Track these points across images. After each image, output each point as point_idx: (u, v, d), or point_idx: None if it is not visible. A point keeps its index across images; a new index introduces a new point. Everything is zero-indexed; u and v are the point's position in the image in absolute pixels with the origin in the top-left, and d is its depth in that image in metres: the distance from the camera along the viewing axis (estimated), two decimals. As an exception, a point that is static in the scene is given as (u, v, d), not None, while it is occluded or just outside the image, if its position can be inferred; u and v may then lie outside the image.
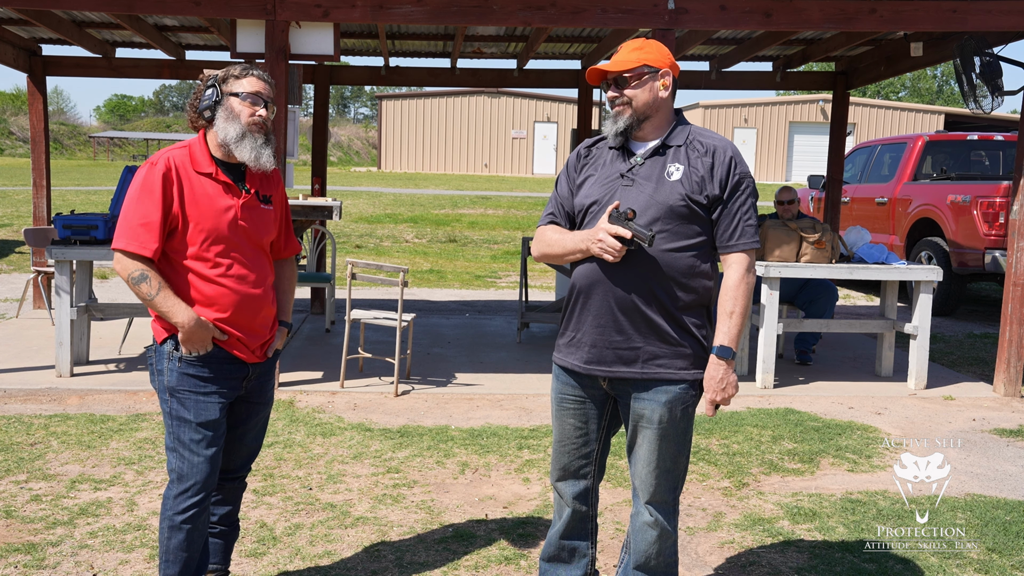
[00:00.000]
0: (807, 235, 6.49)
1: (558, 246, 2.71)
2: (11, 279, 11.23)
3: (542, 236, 2.79)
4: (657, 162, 2.66)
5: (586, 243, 2.60)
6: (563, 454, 2.83)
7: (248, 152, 2.79)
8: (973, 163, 11.28)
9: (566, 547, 2.90)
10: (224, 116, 2.79)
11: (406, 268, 6.23)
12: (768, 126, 37.73)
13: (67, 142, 46.80)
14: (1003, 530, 3.96)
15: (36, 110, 9.27)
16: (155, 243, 2.69)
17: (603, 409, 2.79)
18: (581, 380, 2.75)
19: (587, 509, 2.87)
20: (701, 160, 2.64)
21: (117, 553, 3.52)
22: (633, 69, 2.65)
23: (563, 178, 2.82)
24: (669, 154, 2.67)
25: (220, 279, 2.77)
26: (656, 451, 2.67)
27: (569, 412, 2.79)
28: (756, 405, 6.02)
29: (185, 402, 2.79)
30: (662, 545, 2.75)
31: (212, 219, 2.75)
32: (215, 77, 2.83)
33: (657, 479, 2.70)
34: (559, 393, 2.82)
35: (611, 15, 6.11)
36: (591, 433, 2.80)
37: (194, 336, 2.73)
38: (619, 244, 2.53)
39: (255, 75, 2.84)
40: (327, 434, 5.12)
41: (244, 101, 2.79)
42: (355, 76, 10.44)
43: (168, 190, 2.71)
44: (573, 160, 2.82)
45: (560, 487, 2.87)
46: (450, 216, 18.97)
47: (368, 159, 48.74)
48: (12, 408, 5.50)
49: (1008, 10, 6.18)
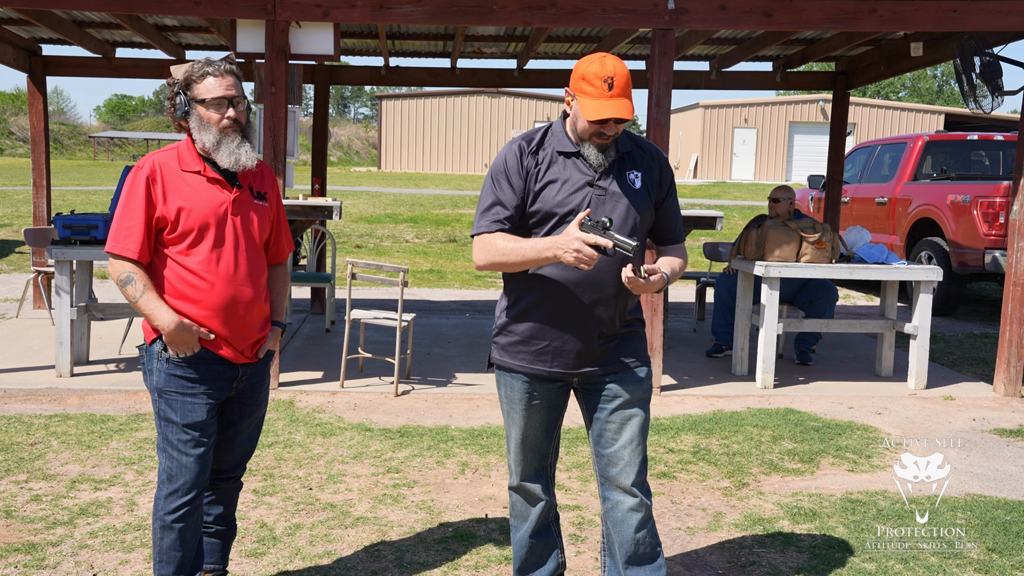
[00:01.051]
0: (807, 235, 6.49)
1: (515, 255, 2.57)
2: (11, 279, 11.23)
3: (491, 245, 2.61)
4: (617, 170, 2.68)
5: (553, 251, 2.49)
6: (532, 457, 2.85)
7: (227, 157, 2.78)
8: (973, 163, 11.28)
9: (537, 544, 2.93)
10: (196, 126, 2.77)
11: (406, 268, 6.23)
12: (768, 126, 37.72)
13: (67, 142, 46.80)
14: (1003, 530, 3.96)
15: (36, 110, 9.27)
16: (139, 245, 2.72)
17: (566, 401, 2.86)
18: (551, 381, 2.77)
19: (550, 498, 2.93)
20: (648, 164, 2.74)
21: (117, 553, 3.52)
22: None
23: (506, 180, 2.65)
24: (627, 160, 2.71)
25: (210, 276, 2.77)
26: (640, 431, 2.75)
27: (537, 411, 2.79)
28: (756, 405, 6.02)
29: (172, 403, 2.80)
30: (648, 527, 2.77)
31: (202, 215, 2.75)
32: (179, 83, 2.77)
33: (641, 459, 2.75)
34: (525, 394, 2.77)
35: (611, 15, 6.11)
36: (557, 429, 2.86)
37: (176, 339, 2.73)
38: (596, 253, 2.46)
39: (213, 74, 2.75)
40: (327, 434, 5.12)
41: (210, 108, 2.75)
42: (355, 76, 10.43)
43: (151, 192, 2.73)
44: (517, 161, 2.66)
45: (528, 487, 2.88)
46: (450, 216, 18.97)
47: (368, 159, 48.75)
48: (12, 408, 5.50)
49: (1008, 10, 6.18)
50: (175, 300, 2.77)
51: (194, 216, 2.75)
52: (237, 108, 2.78)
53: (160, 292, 2.76)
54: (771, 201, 6.99)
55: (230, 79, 2.78)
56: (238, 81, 2.81)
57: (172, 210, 2.73)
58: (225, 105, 2.76)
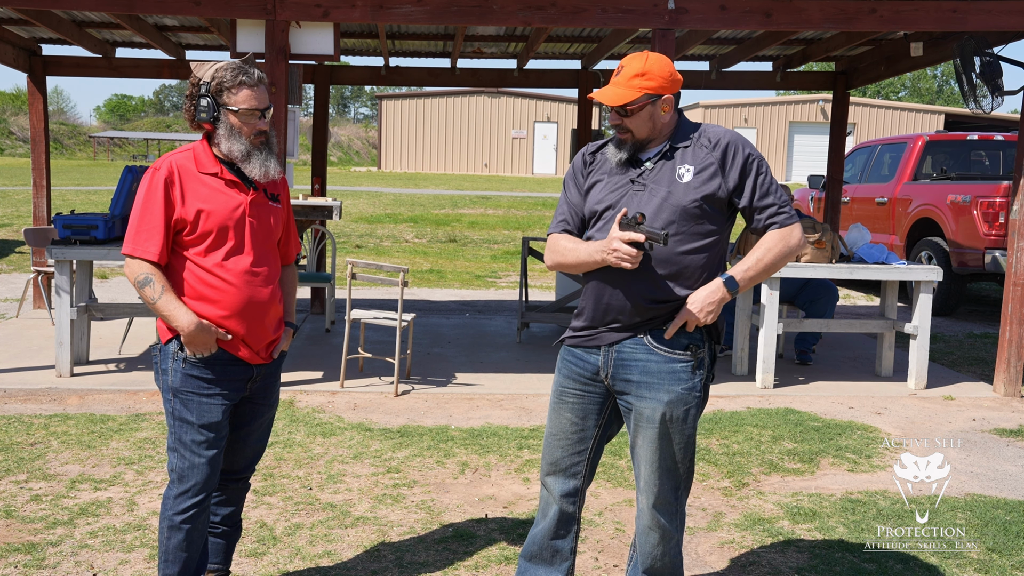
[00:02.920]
0: (807, 235, 6.49)
1: (571, 256, 2.70)
2: (11, 279, 11.23)
3: (555, 245, 2.77)
4: (666, 166, 2.66)
5: (601, 254, 2.59)
6: (556, 448, 2.83)
7: (257, 169, 2.82)
8: (973, 163, 11.28)
9: (549, 547, 2.88)
10: (226, 133, 2.78)
11: (406, 268, 6.23)
12: (768, 126, 37.73)
13: (67, 142, 46.79)
14: (1003, 530, 3.96)
15: (36, 110, 9.27)
16: (158, 247, 2.72)
17: (602, 408, 2.79)
18: (585, 377, 2.76)
19: (574, 510, 2.85)
20: (711, 155, 2.65)
21: (117, 553, 3.52)
22: (635, 100, 2.63)
23: (570, 183, 2.81)
24: (677, 156, 2.67)
25: (229, 277, 2.78)
26: (657, 450, 2.67)
27: (568, 406, 2.79)
28: (756, 405, 6.02)
29: (188, 403, 2.79)
30: (666, 547, 2.75)
31: (221, 217, 2.76)
32: (208, 85, 2.77)
33: (659, 479, 2.70)
34: (560, 386, 2.82)
35: (611, 15, 6.11)
36: (587, 430, 2.80)
37: (196, 340, 2.74)
38: (634, 251, 2.52)
39: (249, 86, 2.77)
40: (327, 434, 5.12)
41: (243, 118, 2.77)
42: (355, 76, 10.44)
43: (170, 194, 2.73)
44: (579, 164, 2.81)
45: (549, 482, 2.85)
46: (450, 216, 18.97)
47: (368, 159, 48.74)
48: (12, 408, 5.50)
49: (1008, 10, 6.17)
50: (193, 301, 2.77)
51: (213, 218, 2.75)
52: (266, 118, 2.82)
53: (178, 293, 2.76)
54: None
55: (262, 89, 2.81)
56: (266, 90, 2.84)
57: (191, 212, 2.74)
58: (257, 116, 2.79)
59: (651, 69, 2.64)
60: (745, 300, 6.84)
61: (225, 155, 2.80)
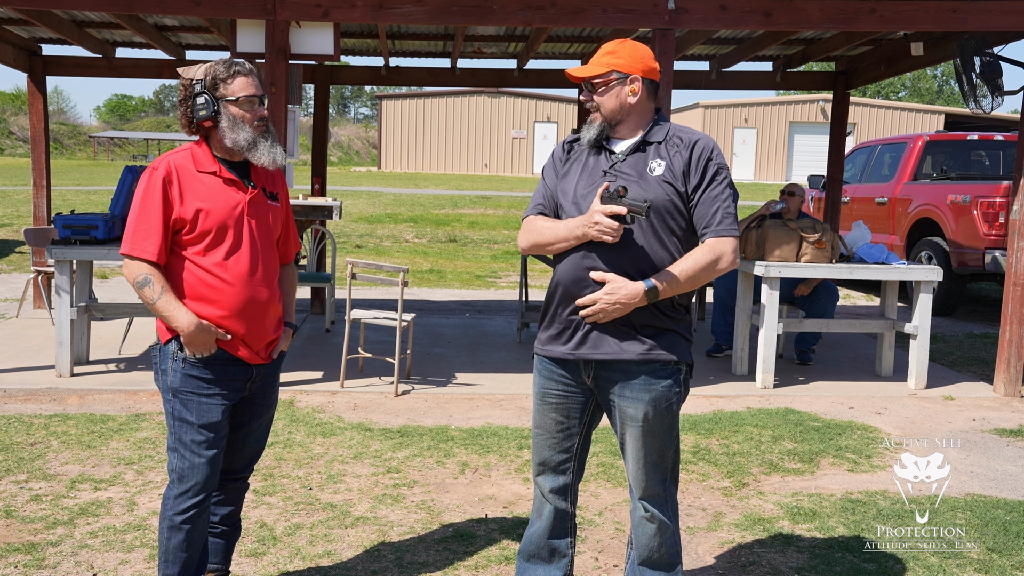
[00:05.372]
0: (807, 235, 6.49)
1: (550, 233, 2.69)
2: (11, 279, 11.23)
3: (531, 226, 2.77)
4: (639, 158, 2.69)
5: (582, 228, 2.59)
6: (544, 447, 2.85)
7: (265, 155, 2.82)
8: (973, 163, 11.28)
9: (546, 546, 2.90)
10: (228, 125, 2.78)
11: (406, 268, 6.23)
12: (768, 126, 37.73)
13: (67, 142, 46.79)
14: (1003, 530, 3.96)
15: (36, 110, 9.27)
16: (157, 247, 2.72)
17: (585, 405, 2.81)
18: (565, 375, 2.76)
19: (567, 507, 2.88)
20: (680, 154, 2.67)
21: (117, 553, 3.52)
22: (601, 75, 2.68)
23: (549, 170, 2.83)
24: (650, 151, 2.70)
25: (228, 276, 2.78)
26: (642, 448, 2.71)
27: (551, 406, 2.81)
28: (756, 405, 6.02)
29: (188, 403, 2.79)
30: (662, 537, 2.78)
31: (220, 216, 2.76)
32: (202, 82, 2.77)
33: (647, 474, 2.74)
34: (541, 388, 2.82)
35: (611, 15, 6.11)
36: (572, 428, 2.82)
37: (195, 340, 2.74)
38: (616, 223, 2.53)
39: (243, 74, 2.80)
40: (327, 434, 5.12)
41: (244, 106, 2.78)
42: (355, 76, 10.43)
43: (168, 193, 2.73)
44: (559, 152, 2.84)
45: (540, 481, 2.88)
46: (450, 216, 18.97)
47: (368, 159, 48.75)
48: (12, 408, 5.50)
49: (1008, 10, 6.17)
50: (193, 301, 2.76)
51: (212, 217, 2.75)
52: (264, 106, 2.84)
53: (177, 294, 2.76)
54: (787, 195, 7.07)
55: (256, 78, 2.84)
56: (260, 79, 2.87)
57: (190, 211, 2.74)
58: (256, 103, 2.81)
59: (622, 49, 2.71)
60: (745, 300, 6.85)
61: (230, 148, 2.80)
